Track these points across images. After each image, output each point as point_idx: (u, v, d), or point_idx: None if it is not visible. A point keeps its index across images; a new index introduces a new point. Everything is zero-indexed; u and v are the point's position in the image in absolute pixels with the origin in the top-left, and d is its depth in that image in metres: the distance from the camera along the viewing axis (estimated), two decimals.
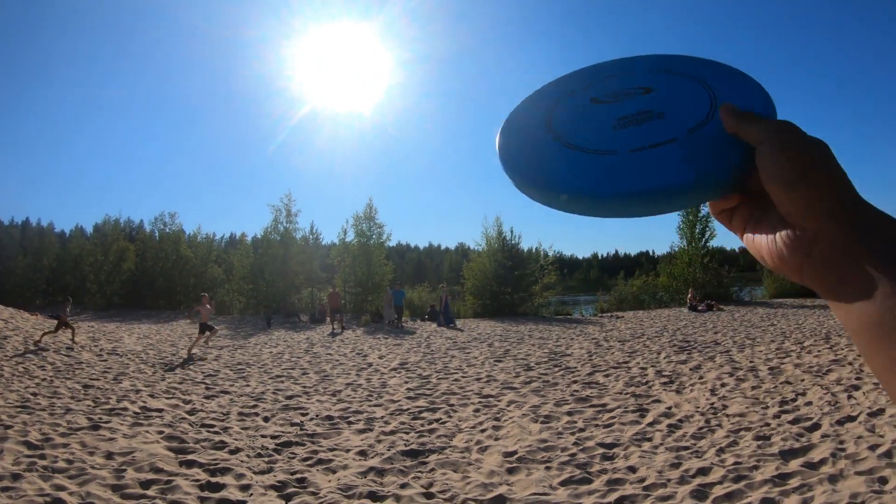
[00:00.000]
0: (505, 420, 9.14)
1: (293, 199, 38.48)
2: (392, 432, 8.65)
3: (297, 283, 37.68)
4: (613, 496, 5.94)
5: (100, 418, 9.35)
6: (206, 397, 11.15)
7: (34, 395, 10.90)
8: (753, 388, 10.50)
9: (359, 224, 36.51)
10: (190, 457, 7.51)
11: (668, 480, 6.25)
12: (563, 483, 6.40)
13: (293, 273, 37.04)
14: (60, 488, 6.38)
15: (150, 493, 6.29)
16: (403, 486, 6.48)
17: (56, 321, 17.95)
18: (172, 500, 6.08)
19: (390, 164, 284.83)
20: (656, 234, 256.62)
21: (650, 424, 8.50)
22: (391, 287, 29.32)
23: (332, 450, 7.87)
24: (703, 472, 6.46)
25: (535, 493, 6.08)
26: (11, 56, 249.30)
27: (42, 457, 7.41)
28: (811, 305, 29.00)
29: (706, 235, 36.61)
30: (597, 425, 8.62)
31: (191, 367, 14.65)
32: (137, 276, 42.84)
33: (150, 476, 6.78)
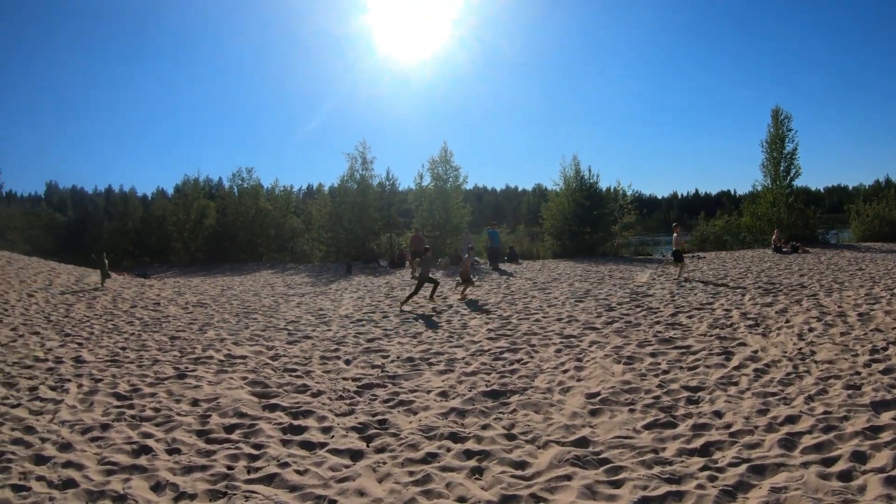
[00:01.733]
0: (587, 361, 8.93)
1: (368, 147, 38.53)
2: (473, 373, 8.59)
3: (375, 230, 37.95)
4: (699, 442, 5.72)
5: (186, 367, 9.66)
6: (289, 343, 11.37)
7: (123, 349, 11.35)
8: (842, 334, 9.93)
9: (434, 168, 36.20)
10: (273, 401, 7.66)
11: (756, 427, 5.99)
12: (647, 426, 6.21)
13: (371, 219, 37.23)
14: (147, 436, 6.60)
15: (233, 436, 6.44)
16: (485, 427, 6.40)
17: (143, 279, 18.75)
18: (255, 443, 6.19)
19: (464, 107, 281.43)
20: (739, 171, 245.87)
21: (736, 368, 8.17)
22: (490, 227, 29.08)
23: (412, 391, 7.88)
24: (791, 420, 6.16)
25: (618, 437, 5.90)
26: (89, 29, 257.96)
27: (130, 406, 7.71)
28: None
29: (791, 174, 34.49)
30: (681, 367, 8.34)
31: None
32: (219, 231, 44.05)
33: (234, 421, 6.95)
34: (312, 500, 4.95)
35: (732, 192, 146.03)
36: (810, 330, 10.22)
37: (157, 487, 5.30)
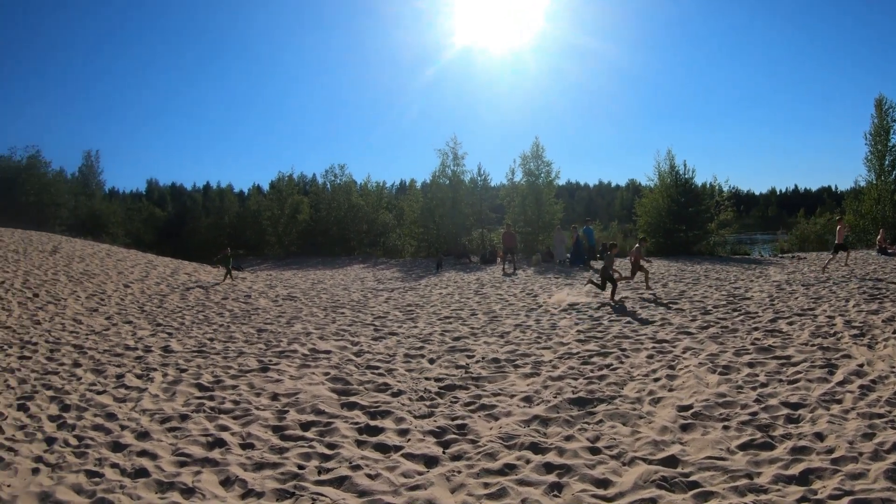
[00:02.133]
0: (680, 369, 8.32)
1: (459, 143, 38.43)
2: (560, 377, 8.16)
3: (466, 225, 37.87)
4: (797, 468, 5.08)
5: (269, 360, 9.67)
6: (374, 339, 11.25)
7: (211, 339, 11.54)
8: None
9: (526, 163, 35.76)
10: (352, 399, 7.49)
11: (860, 454, 5.24)
12: (742, 447, 5.59)
13: (463, 215, 37.16)
14: (224, 428, 6.55)
15: (308, 434, 6.28)
16: (568, 438, 5.97)
17: (236, 270, 19.44)
18: (330, 442, 6.01)
19: (555, 102, 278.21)
20: (841, 166, 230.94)
21: (840, 384, 7.31)
22: (583, 225, 28.48)
23: (495, 394, 7.53)
24: None
25: (710, 457, 5.34)
26: (187, 31, 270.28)
27: (211, 398, 7.71)
28: None
29: None
30: (780, 380, 7.58)
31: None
32: (312, 226, 45.15)
33: (311, 418, 6.80)
34: None
35: (834, 189, 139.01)
36: None
37: (227, 483, 5.20)
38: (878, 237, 26.68)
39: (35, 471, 5.67)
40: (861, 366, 7.98)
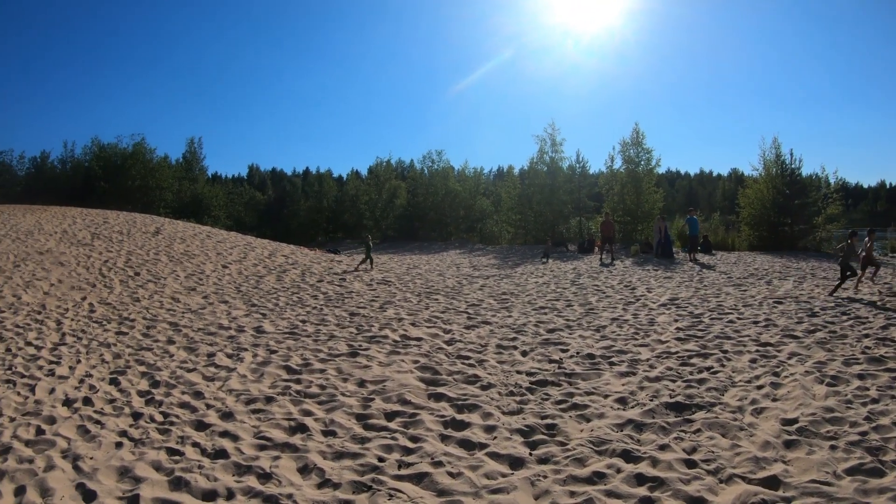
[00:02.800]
0: (785, 377, 7.66)
1: (557, 129, 37.76)
2: (657, 378, 7.70)
3: (565, 213, 37.28)
4: None
5: (359, 345, 9.65)
6: (467, 327, 11.06)
7: (303, 322, 11.64)
8: None
9: (626, 150, 34.77)
10: (440, 389, 7.31)
11: None
12: (850, 471, 5.01)
13: (561, 202, 36.58)
14: (307, 413, 6.50)
15: (392, 425, 6.14)
16: (663, 447, 5.56)
17: (334, 255, 19.69)
18: (413, 434, 5.85)
19: (657, 88, 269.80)
20: None
21: None
22: (688, 214, 27.49)
23: (588, 393, 7.17)
24: None
25: (814, 481, 4.80)
26: (281, 25, 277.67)
27: (298, 381, 7.71)
28: None
29: None
30: (893, 397, 6.82)
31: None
32: (409, 210, 45.68)
33: (397, 407, 6.67)
34: None
35: None
36: None
37: (304, 470, 5.12)
38: None
39: (118, 444, 5.80)
40: None
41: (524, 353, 9.11)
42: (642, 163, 34.44)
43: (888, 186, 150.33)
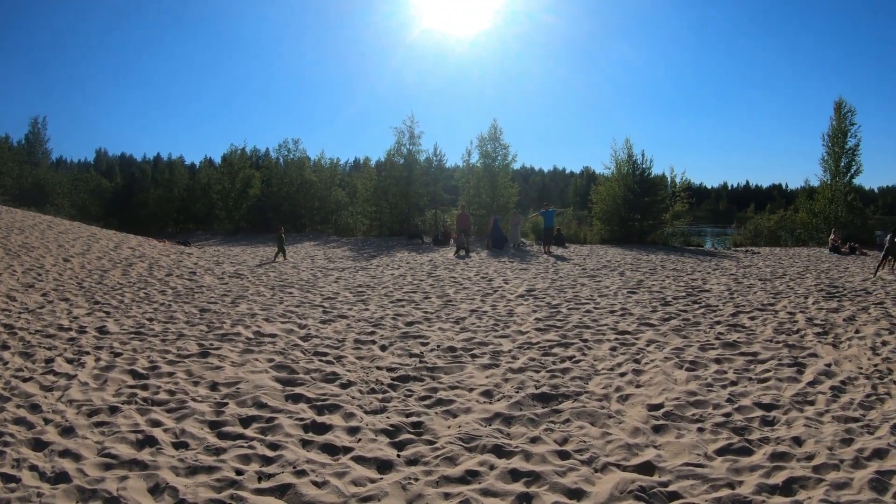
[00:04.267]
0: (646, 363, 8.02)
1: (416, 121, 37.79)
2: (520, 370, 7.75)
3: (420, 205, 37.45)
4: (780, 476, 4.79)
5: (211, 344, 9.08)
6: (323, 322, 10.73)
7: (150, 320, 10.86)
8: None
9: (483, 145, 35.49)
10: (297, 390, 6.96)
11: (841, 462, 5.01)
12: (720, 451, 5.28)
13: (417, 195, 36.72)
14: (156, 423, 5.96)
15: (248, 432, 5.74)
16: (534, 440, 5.55)
17: (184, 246, 18.81)
18: (272, 441, 5.49)
19: (512, 86, 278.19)
20: (791, 165, 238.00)
21: (810, 384, 7.13)
22: (541, 208, 28.27)
23: (453, 388, 7.08)
24: (878, 454, 5.14)
25: (688, 464, 4.98)
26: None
27: (145, 387, 7.11)
28: None
29: (852, 170, 32.55)
30: (750, 379, 7.38)
31: (309, 291, 14.36)
32: (263, 201, 44.32)
33: (253, 412, 6.26)
34: None
35: (784, 186, 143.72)
36: (883, 343, 9.08)
37: (156, 490, 4.62)
38: (831, 236, 27.19)
39: None
40: (829, 365, 7.84)
41: (383, 348, 8.92)
42: (499, 158, 35.24)
43: (729, 188, 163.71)
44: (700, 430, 5.74)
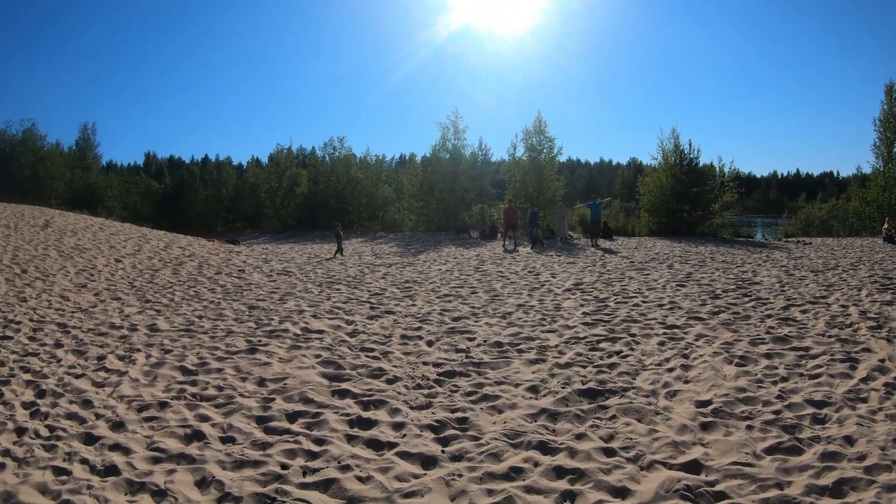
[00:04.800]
0: (694, 358, 7.80)
1: (461, 116, 37.74)
2: (567, 365, 7.62)
3: (466, 200, 37.40)
4: (831, 477, 4.57)
5: (259, 341, 9.15)
6: (370, 317, 10.74)
7: (200, 317, 11.02)
8: None
9: (528, 138, 35.31)
10: (344, 385, 6.96)
11: (894, 463, 4.74)
12: (769, 451, 5.08)
13: (463, 189, 36.70)
14: (204, 419, 6.03)
15: (294, 427, 5.76)
16: (579, 436, 5.44)
17: (233, 245, 19.26)
18: (317, 437, 5.49)
19: (558, 78, 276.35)
20: (843, 152, 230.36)
21: (863, 380, 6.81)
22: (588, 200, 28.01)
23: (499, 383, 6.99)
24: None
25: (736, 463, 4.81)
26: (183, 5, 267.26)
27: (194, 383, 7.19)
28: None
29: None
30: (801, 374, 7.09)
31: (356, 287, 14.42)
32: (310, 198, 44.81)
33: (299, 407, 6.28)
34: None
35: (836, 174, 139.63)
36: None
37: (202, 483, 4.67)
38: (885, 225, 26.01)
39: (1, 466, 5.14)
40: (882, 361, 7.46)
41: (430, 343, 8.88)
42: (544, 151, 35.03)
43: (779, 176, 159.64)
44: (749, 427, 5.53)
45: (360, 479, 4.66)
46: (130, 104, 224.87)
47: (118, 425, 5.92)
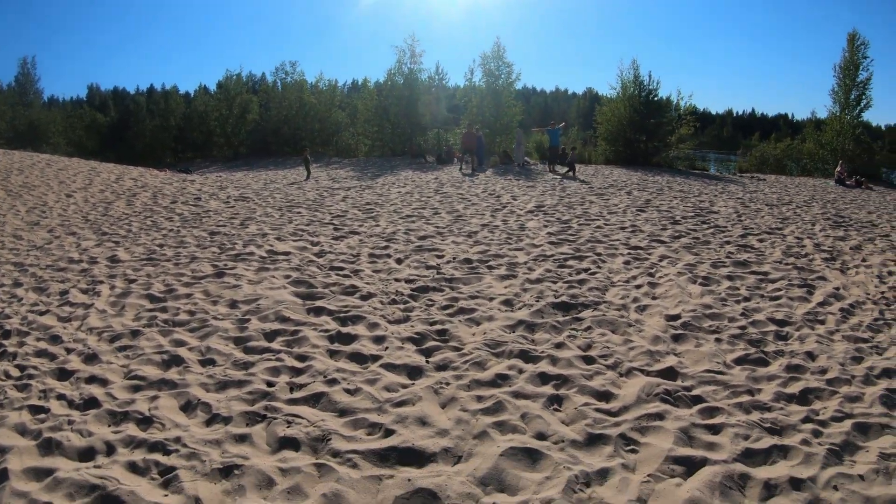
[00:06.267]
0: (660, 277, 8.05)
1: (417, 40, 36.66)
2: (538, 280, 7.72)
3: (422, 125, 36.81)
4: (796, 386, 4.91)
5: (225, 265, 8.95)
6: (335, 238, 10.63)
7: (161, 246, 10.71)
8: None
9: (486, 63, 34.64)
10: (318, 303, 6.88)
11: (853, 377, 5.11)
12: (738, 361, 5.39)
13: (418, 115, 36.05)
14: (180, 343, 5.88)
15: (274, 345, 5.67)
16: (558, 345, 5.56)
17: (185, 174, 18.75)
18: (299, 353, 5.42)
19: (515, 5, 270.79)
20: (798, 96, 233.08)
21: (820, 304, 7.24)
22: (549, 126, 27.70)
23: (473, 297, 7.03)
24: (888, 374, 5.23)
25: (709, 371, 5.07)
26: None
27: (164, 309, 7.00)
28: None
29: (861, 104, 31.91)
30: (762, 296, 7.45)
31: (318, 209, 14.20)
32: (262, 125, 43.71)
33: (276, 326, 6.19)
34: (365, 427, 4.18)
35: (790, 116, 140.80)
36: (889, 273, 9.08)
37: (188, 407, 4.57)
38: (838, 168, 26.62)
39: None
40: (837, 289, 7.95)
41: (399, 261, 8.83)
42: (503, 76, 34.51)
43: (735, 114, 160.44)
44: (717, 340, 5.84)
45: (348, 391, 4.63)
46: (70, 34, 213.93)
47: (91, 357, 5.72)
